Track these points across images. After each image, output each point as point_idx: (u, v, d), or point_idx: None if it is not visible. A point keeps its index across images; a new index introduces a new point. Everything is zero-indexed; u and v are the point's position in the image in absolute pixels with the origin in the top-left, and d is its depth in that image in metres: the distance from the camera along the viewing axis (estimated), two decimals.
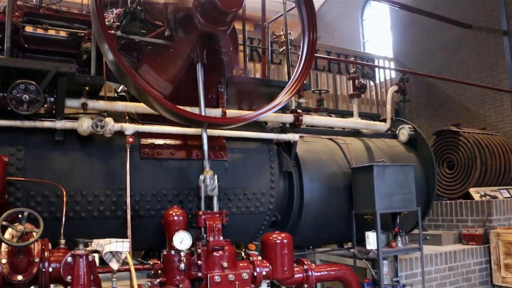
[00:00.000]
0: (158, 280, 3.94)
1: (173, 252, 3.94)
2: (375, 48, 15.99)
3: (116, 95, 5.16)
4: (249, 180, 4.98)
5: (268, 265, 4.29)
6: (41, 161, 4.12)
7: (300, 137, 5.59)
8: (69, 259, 3.38)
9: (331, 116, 7.08)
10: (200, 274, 3.96)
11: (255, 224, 5.16)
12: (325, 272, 4.74)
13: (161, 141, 4.63)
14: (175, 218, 4.10)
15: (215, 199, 4.38)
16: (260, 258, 4.34)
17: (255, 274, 4.17)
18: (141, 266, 3.98)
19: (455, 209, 8.07)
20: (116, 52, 3.75)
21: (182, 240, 3.89)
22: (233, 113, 4.90)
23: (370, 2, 16.24)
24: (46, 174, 4.08)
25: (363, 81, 7.06)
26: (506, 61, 11.24)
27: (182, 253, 3.89)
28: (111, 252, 3.48)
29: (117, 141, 4.40)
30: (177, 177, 4.61)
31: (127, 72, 3.74)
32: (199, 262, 3.98)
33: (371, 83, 12.90)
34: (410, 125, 7.07)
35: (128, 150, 4.30)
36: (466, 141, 8.84)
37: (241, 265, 4.22)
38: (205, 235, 4.10)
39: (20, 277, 3.26)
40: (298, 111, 5.47)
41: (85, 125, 4.14)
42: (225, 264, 4.02)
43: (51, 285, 3.47)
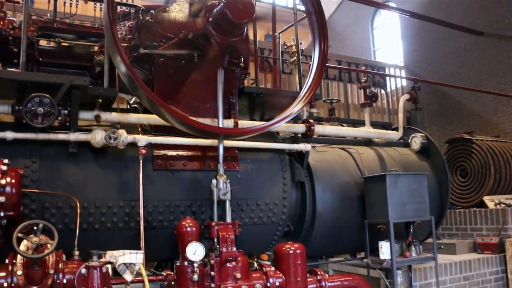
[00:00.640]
0: None
1: (186, 263, 3.93)
2: (386, 57, 15.97)
3: (128, 106, 5.20)
4: (261, 191, 4.97)
5: (281, 275, 4.26)
6: (55, 173, 4.15)
7: (312, 147, 5.58)
8: (83, 270, 3.39)
9: (343, 126, 7.07)
10: (213, 285, 3.94)
11: (268, 234, 5.15)
12: (338, 283, 4.68)
13: (173, 152, 4.64)
14: (188, 229, 4.11)
15: (227, 204, 4.39)
16: (273, 268, 4.32)
17: (268, 285, 4.14)
18: (154, 277, 3.97)
19: (469, 217, 7.96)
20: (129, 65, 3.79)
21: (195, 251, 3.90)
22: (245, 123, 4.91)
23: (380, 11, 16.24)
24: (60, 186, 4.11)
25: (374, 90, 7.05)
26: None
27: (195, 264, 3.88)
28: (124, 264, 3.49)
29: (130, 153, 4.43)
30: (190, 188, 4.61)
31: (139, 84, 3.78)
32: (212, 273, 3.97)
33: (382, 91, 12.86)
34: (423, 134, 7.02)
35: (141, 161, 4.32)
36: (480, 149, 8.74)
37: (254, 275, 4.19)
38: (218, 246, 4.10)
39: None
40: (310, 121, 5.47)
41: (98, 137, 4.17)
42: (238, 275, 4.00)
43: None
